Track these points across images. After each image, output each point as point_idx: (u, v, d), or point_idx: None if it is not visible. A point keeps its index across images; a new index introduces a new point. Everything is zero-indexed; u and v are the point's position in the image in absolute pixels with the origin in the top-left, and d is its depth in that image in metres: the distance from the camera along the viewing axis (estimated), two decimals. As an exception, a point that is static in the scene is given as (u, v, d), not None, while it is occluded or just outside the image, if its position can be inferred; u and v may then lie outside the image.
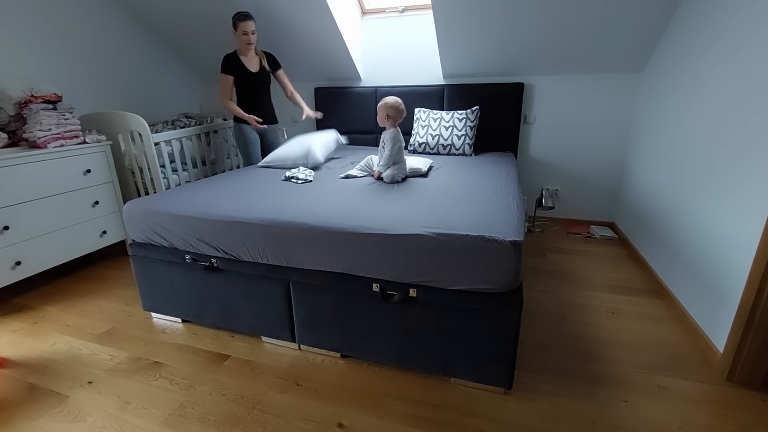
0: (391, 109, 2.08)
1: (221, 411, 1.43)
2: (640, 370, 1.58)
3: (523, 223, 1.51)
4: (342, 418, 1.38)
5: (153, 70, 3.48)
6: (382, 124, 2.14)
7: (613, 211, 3.14)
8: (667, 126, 2.30)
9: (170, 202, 1.82)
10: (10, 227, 2.04)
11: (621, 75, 2.82)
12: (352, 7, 3.09)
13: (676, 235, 2.06)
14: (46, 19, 2.64)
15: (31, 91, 2.28)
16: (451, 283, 1.38)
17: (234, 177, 2.32)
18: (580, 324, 1.89)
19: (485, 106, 3.01)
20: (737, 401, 1.43)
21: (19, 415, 1.42)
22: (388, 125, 2.12)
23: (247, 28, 2.51)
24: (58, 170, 2.26)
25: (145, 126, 2.58)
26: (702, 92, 1.94)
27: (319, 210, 1.64)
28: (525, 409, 1.41)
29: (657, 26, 2.41)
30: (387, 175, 2.11)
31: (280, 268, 1.62)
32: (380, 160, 2.15)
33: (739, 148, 1.59)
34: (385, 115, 2.09)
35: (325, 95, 3.50)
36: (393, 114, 2.09)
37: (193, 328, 1.93)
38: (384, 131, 2.14)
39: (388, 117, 2.10)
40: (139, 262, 1.91)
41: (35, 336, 1.90)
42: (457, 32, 2.73)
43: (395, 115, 2.10)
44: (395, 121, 2.11)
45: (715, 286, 1.67)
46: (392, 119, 2.10)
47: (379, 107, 2.11)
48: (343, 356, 1.69)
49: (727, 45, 1.76)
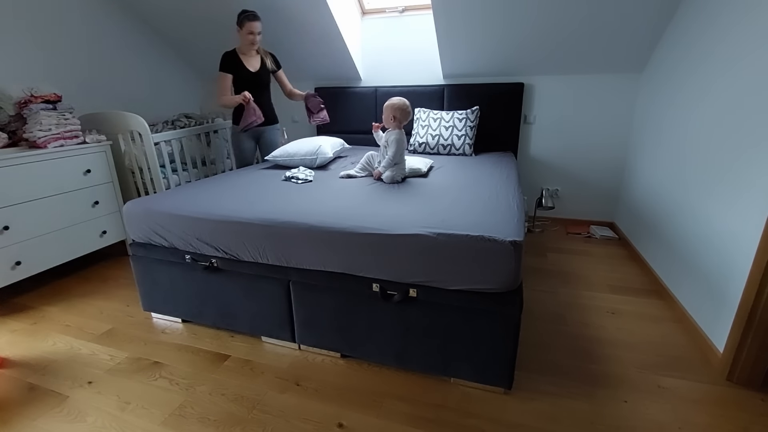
0: (398, 110, 2.07)
1: (221, 411, 1.43)
2: (640, 370, 1.58)
3: (523, 223, 1.50)
4: (342, 418, 1.38)
5: (153, 70, 3.48)
6: (388, 125, 2.13)
7: (613, 211, 3.14)
8: (668, 126, 2.30)
9: (170, 202, 1.82)
10: (10, 227, 2.04)
11: (621, 75, 2.82)
12: (352, 7, 3.09)
13: (677, 235, 2.06)
14: (46, 19, 2.64)
15: (31, 91, 2.28)
16: (451, 283, 1.38)
17: (234, 177, 2.32)
18: (580, 324, 1.89)
19: (485, 106, 3.01)
20: (737, 401, 1.43)
21: (19, 415, 1.42)
22: (393, 126, 2.12)
23: (253, 29, 2.48)
24: (58, 170, 2.26)
25: (145, 126, 2.58)
26: (703, 93, 1.94)
27: (319, 210, 1.64)
28: (525, 409, 1.41)
29: (657, 26, 2.41)
30: (387, 176, 2.11)
31: (280, 268, 1.62)
32: (382, 160, 2.15)
33: (740, 148, 1.59)
34: (392, 116, 2.09)
35: (325, 95, 3.48)
36: (399, 116, 2.08)
37: (193, 328, 1.93)
38: (388, 131, 2.14)
39: (395, 118, 2.09)
40: (139, 262, 1.91)
41: (35, 336, 1.90)
42: (457, 32, 2.73)
43: (401, 117, 2.09)
44: (401, 122, 2.11)
45: (716, 286, 1.67)
46: (398, 120, 2.10)
47: (386, 107, 2.10)
48: (343, 356, 1.69)
49: (730, 46, 1.76)
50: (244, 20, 2.46)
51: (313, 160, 2.50)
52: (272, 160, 2.58)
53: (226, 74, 2.56)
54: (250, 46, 2.55)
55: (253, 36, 2.50)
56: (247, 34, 2.49)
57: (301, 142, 2.66)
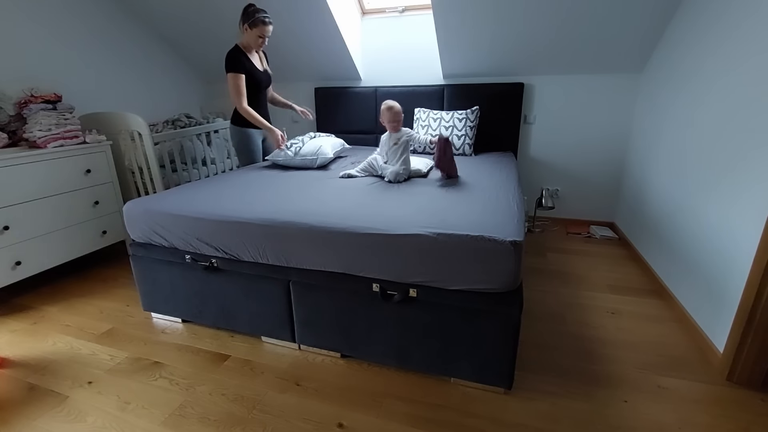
0: (399, 114, 2.17)
1: (221, 411, 1.43)
2: (640, 370, 1.58)
3: (523, 223, 1.50)
4: (342, 418, 1.38)
5: (153, 70, 3.48)
6: (395, 128, 2.20)
7: (613, 211, 3.14)
8: (668, 126, 2.30)
9: (170, 202, 1.82)
10: (10, 227, 2.04)
11: (621, 75, 2.82)
12: (352, 7, 3.09)
13: (677, 235, 2.06)
14: (46, 19, 2.64)
15: (31, 91, 2.28)
16: (451, 283, 1.38)
17: (234, 177, 2.31)
18: (580, 324, 1.89)
19: (485, 106, 3.01)
20: (737, 401, 1.43)
21: (19, 415, 1.42)
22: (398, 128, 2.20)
23: (266, 33, 2.35)
24: (58, 170, 2.26)
25: (145, 126, 2.58)
26: (704, 93, 1.94)
27: (319, 210, 1.64)
28: (525, 409, 1.41)
29: (657, 26, 2.41)
30: (392, 172, 2.11)
31: (280, 268, 1.62)
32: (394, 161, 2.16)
33: (740, 148, 1.59)
34: (397, 120, 2.17)
35: (325, 95, 3.50)
36: (401, 118, 2.19)
37: (193, 328, 1.93)
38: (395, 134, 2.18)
39: (399, 121, 2.18)
40: (139, 262, 1.91)
41: (35, 336, 1.90)
42: (457, 32, 2.73)
43: (401, 118, 2.20)
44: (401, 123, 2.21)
45: (716, 286, 1.67)
46: (400, 123, 2.20)
47: (391, 112, 2.15)
48: (343, 356, 1.69)
49: (732, 47, 1.76)
50: (259, 23, 2.29)
51: (314, 160, 2.50)
52: (272, 160, 2.58)
53: (239, 74, 2.36)
54: (257, 46, 2.43)
55: (263, 39, 2.38)
56: (257, 37, 2.35)
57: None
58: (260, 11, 2.31)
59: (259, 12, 2.30)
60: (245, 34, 2.35)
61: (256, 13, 2.30)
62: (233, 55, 2.37)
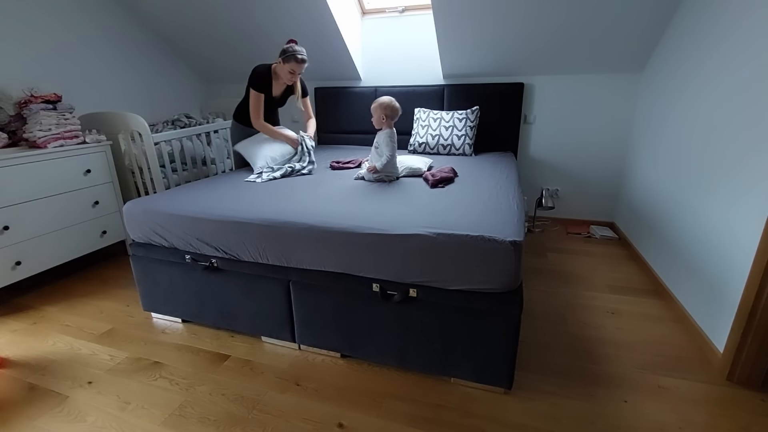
0: (387, 108, 2.06)
1: (221, 411, 1.43)
2: (640, 370, 1.58)
3: (523, 223, 1.50)
4: (342, 418, 1.38)
5: (153, 70, 3.48)
6: (380, 126, 2.12)
7: (613, 211, 3.14)
8: (668, 126, 2.30)
9: (170, 202, 1.82)
10: (10, 227, 2.04)
11: (621, 75, 2.82)
12: (352, 7, 3.09)
13: (677, 235, 2.05)
14: (45, 19, 2.64)
15: (31, 91, 2.28)
16: (450, 283, 1.38)
17: (234, 177, 2.31)
18: (580, 324, 1.89)
19: (485, 106, 3.01)
20: (737, 401, 1.43)
21: (19, 415, 1.42)
22: (385, 126, 2.10)
23: (297, 69, 2.34)
24: (58, 170, 2.26)
25: (145, 126, 2.58)
26: (705, 93, 1.94)
27: (319, 210, 1.64)
28: (525, 409, 1.41)
29: (657, 26, 2.41)
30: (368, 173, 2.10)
31: (280, 268, 1.62)
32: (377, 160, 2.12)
33: (740, 148, 1.59)
34: (383, 115, 2.07)
35: (325, 95, 3.50)
36: (390, 113, 2.08)
37: (193, 328, 1.93)
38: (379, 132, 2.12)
39: (386, 117, 2.08)
40: (139, 262, 1.91)
41: (35, 336, 1.90)
42: (457, 32, 2.73)
43: (392, 114, 2.09)
44: (392, 120, 2.10)
45: (716, 286, 1.67)
46: (390, 119, 2.09)
47: (374, 108, 2.08)
48: (343, 356, 1.69)
49: (733, 47, 1.76)
50: (293, 61, 2.29)
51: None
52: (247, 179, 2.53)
53: (260, 94, 2.40)
54: (287, 80, 2.42)
55: (294, 75, 2.37)
56: (289, 72, 2.34)
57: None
58: (298, 51, 2.30)
59: (297, 52, 2.30)
60: (279, 65, 2.36)
61: (293, 51, 2.30)
62: (260, 73, 2.39)
